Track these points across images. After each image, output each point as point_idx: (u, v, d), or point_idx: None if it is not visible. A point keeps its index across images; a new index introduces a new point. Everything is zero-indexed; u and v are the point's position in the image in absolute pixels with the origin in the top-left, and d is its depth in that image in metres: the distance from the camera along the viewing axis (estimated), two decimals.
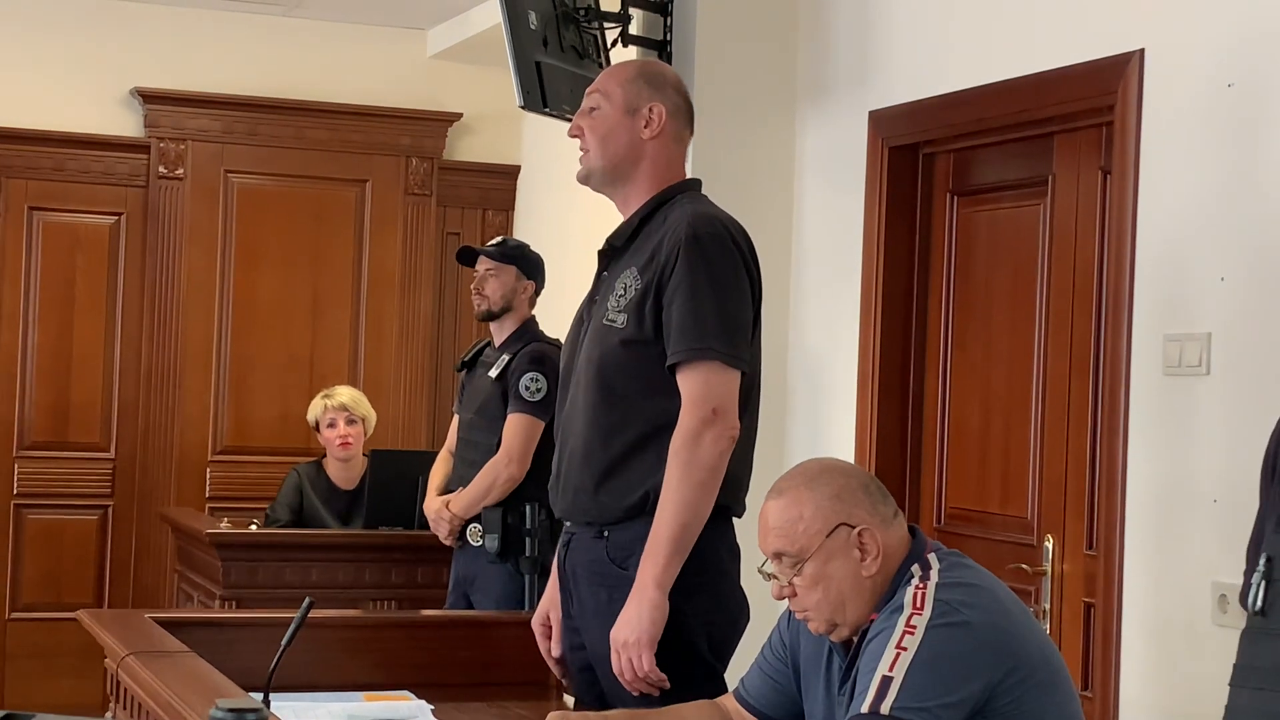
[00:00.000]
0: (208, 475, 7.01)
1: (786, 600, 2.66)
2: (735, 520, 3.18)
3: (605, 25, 5.16)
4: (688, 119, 3.31)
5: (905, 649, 2.46)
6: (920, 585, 2.55)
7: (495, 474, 4.88)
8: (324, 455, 6.03)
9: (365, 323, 7.17)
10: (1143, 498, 3.85)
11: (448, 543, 5.04)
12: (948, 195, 4.76)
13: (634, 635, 3.00)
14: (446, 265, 7.17)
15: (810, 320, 5.10)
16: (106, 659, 3.26)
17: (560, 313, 4.12)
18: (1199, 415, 3.71)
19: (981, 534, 4.48)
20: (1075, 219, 4.25)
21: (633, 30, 5.15)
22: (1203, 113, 3.75)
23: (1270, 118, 3.58)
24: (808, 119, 5.15)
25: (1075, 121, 4.22)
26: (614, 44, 5.16)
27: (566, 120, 4.28)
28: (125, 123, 6.99)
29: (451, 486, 5.08)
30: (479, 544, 4.91)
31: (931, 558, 2.61)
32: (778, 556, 2.64)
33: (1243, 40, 3.65)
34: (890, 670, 2.44)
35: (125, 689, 3.10)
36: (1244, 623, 2.58)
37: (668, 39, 5.14)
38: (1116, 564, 3.88)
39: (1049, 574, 4.21)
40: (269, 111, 7.07)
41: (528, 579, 4.80)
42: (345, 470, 5.99)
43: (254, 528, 5.75)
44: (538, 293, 5.14)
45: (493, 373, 5.00)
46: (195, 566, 5.78)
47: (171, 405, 6.94)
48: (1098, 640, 3.96)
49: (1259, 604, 2.51)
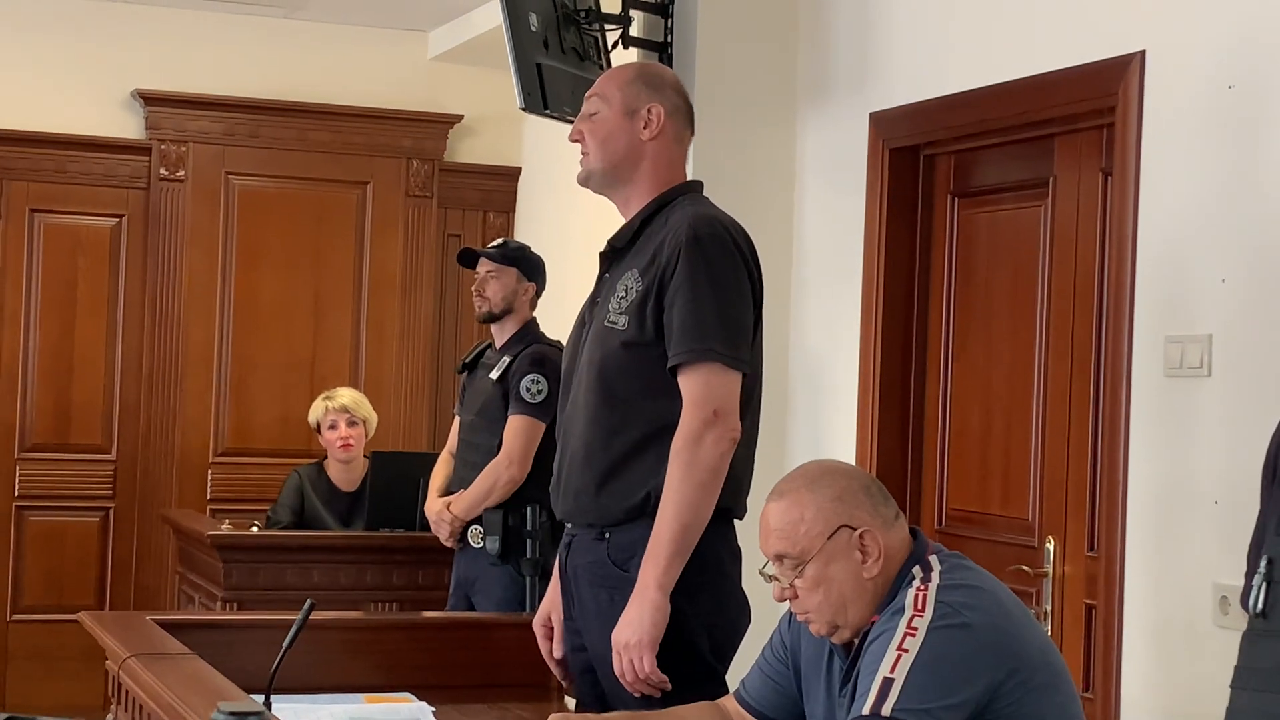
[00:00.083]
0: (209, 477, 7.01)
1: (787, 602, 2.66)
2: (736, 522, 3.18)
3: (606, 27, 5.16)
4: (687, 119, 3.30)
5: (906, 650, 2.46)
6: (921, 587, 2.54)
7: (496, 476, 4.88)
8: (325, 457, 6.03)
9: (366, 325, 7.17)
10: (1144, 499, 3.85)
11: (449, 544, 5.04)
12: (948, 197, 4.76)
13: (635, 637, 3.00)
14: (447, 267, 7.16)
15: (811, 322, 5.10)
16: (108, 661, 3.26)
17: (561, 314, 4.12)
18: (1200, 417, 3.71)
19: (982, 535, 4.48)
20: (1076, 220, 4.25)
21: (633, 32, 5.15)
22: (1203, 114, 3.75)
23: (1271, 119, 3.57)
24: (808, 121, 5.15)
25: (1076, 123, 4.22)
26: (615, 46, 5.16)
27: (567, 122, 4.29)
28: (126, 125, 6.99)
29: (452, 488, 5.07)
30: (480, 546, 4.91)
31: (933, 559, 2.61)
32: (779, 558, 2.64)
33: (1243, 42, 3.65)
34: (891, 672, 2.44)
35: (126, 691, 3.10)
36: (1245, 624, 2.58)
37: (668, 41, 5.13)
38: (1117, 565, 3.88)
39: (1050, 575, 4.21)
40: (270, 113, 7.07)
41: (528, 580, 4.80)
42: (346, 472, 5.99)
43: (255, 529, 5.75)
44: (539, 294, 5.14)
45: (494, 374, 5.00)
46: (196, 568, 5.78)
47: (173, 407, 6.95)
48: (1099, 642, 3.96)
49: (1260, 606, 2.51)
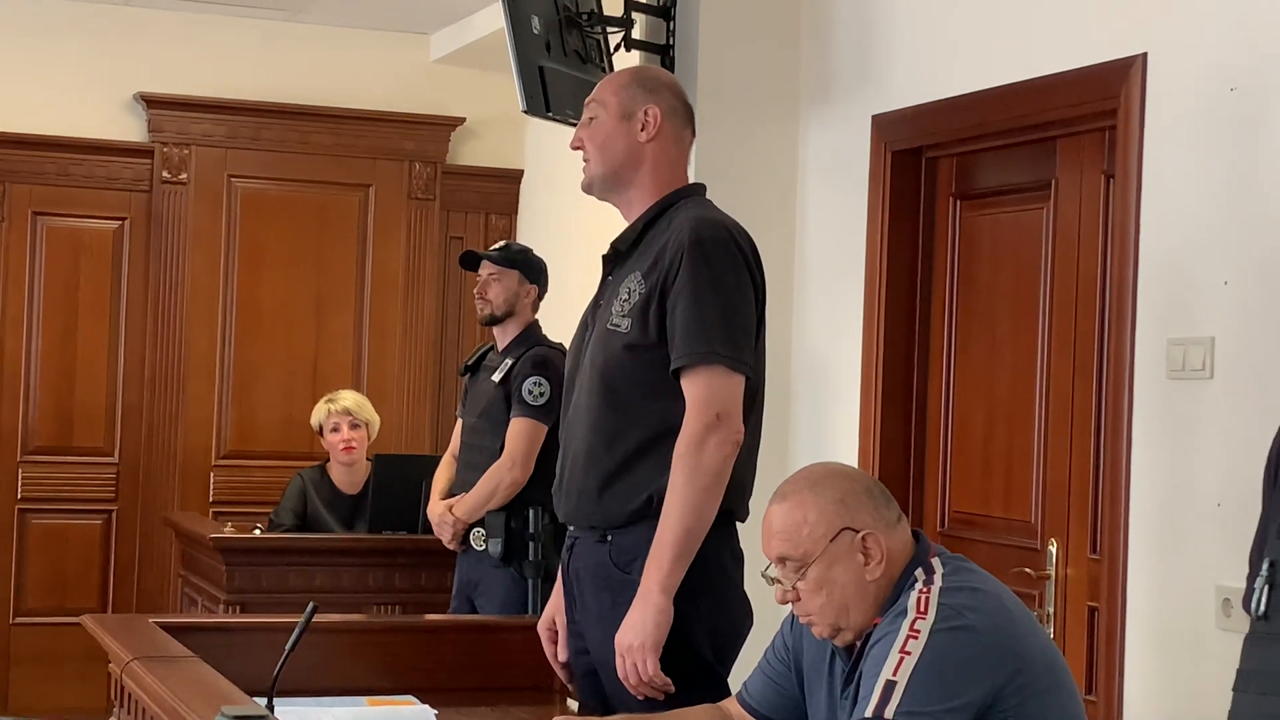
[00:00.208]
0: (211, 480, 7.02)
1: (790, 604, 2.66)
2: (739, 524, 3.18)
3: (608, 30, 5.16)
4: (686, 120, 3.29)
5: (909, 653, 2.46)
6: (924, 589, 2.54)
7: (498, 478, 4.88)
8: (328, 459, 6.03)
9: (369, 327, 7.18)
10: (1146, 502, 3.85)
11: (451, 547, 5.04)
12: (951, 199, 4.76)
13: (638, 639, 3.00)
14: (449, 269, 7.17)
15: (813, 324, 5.10)
16: (110, 664, 3.26)
17: (563, 317, 4.13)
18: (1202, 419, 3.70)
19: (985, 538, 4.48)
20: (1078, 223, 4.25)
21: (635, 35, 5.14)
22: (1205, 116, 3.75)
23: (1272, 121, 3.57)
24: (810, 123, 5.15)
25: (1078, 125, 4.22)
26: (617, 48, 5.15)
27: (569, 125, 4.29)
28: (129, 128, 7.00)
29: (455, 491, 5.07)
30: (482, 548, 4.91)
31: (935, 562, 2.61)
32: (781, 561, 2.63)
33: (1245, 44, 3.65)
34: (894, 674, 2.44)
35: (129, 694, 3.10)
36: (1247, 627, 2.58)
37: (670, 43, 5.13)
38: (1120, 568, 3.88)
39: (1053, 578, 4.20)
40: (272, 116, 7.08)
41: (531, 583, 4.80)
42: (349, 474, 5.99)
43: (258, 532, 5.75)
44: (541, 297, 5.14)
45: (496, 377, 5.00)
46: (199, 571, 5.78)
47: (175, 410, 6.95)
48: (1101, 644, 3.96)
49: (1262, 608, 2.51)
